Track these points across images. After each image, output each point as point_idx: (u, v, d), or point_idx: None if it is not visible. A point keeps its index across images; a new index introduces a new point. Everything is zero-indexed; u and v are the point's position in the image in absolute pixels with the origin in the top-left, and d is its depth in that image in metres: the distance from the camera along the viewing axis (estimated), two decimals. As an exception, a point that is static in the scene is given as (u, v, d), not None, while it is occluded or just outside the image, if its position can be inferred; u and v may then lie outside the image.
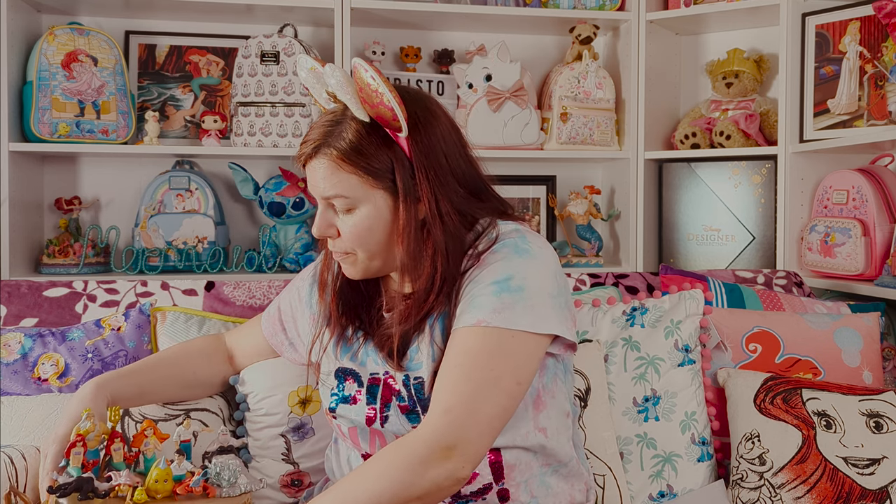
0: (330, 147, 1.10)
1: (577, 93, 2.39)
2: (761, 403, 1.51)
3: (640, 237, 2.43)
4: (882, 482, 1.42)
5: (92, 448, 1.05)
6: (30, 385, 1.44)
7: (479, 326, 1.05)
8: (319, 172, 1.11)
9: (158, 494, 1.00)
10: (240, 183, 2.27)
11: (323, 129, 1.12)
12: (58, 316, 1.60)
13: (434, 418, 1.02)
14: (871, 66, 2.10)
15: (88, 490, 0.97)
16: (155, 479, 1.00)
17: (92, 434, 1.06)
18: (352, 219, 1.12)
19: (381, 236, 1.12)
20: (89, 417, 1.07)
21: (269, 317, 1.37)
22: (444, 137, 1.14)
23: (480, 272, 1.09)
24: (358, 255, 1.14)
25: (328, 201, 1.13)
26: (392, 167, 1.10)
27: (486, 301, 1.06)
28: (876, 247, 2.03)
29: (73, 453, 1.02)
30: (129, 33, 2.37)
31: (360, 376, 1.18)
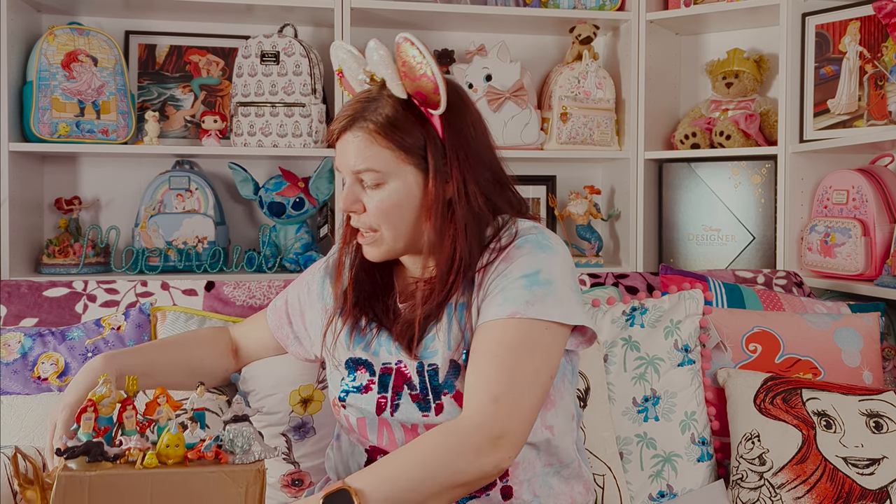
0: (366, 120, 1.13)
1: (577, 93, 2.39)
2: (761, 403, 1.51)
3: (640, 237, 2.43)
4: (882, 482, 1.42)
5: (105, 415, 1.02)
6: (30, 384, 1.44)
7: (514, 318, 1.07)
8: (353, 145, 1.13)
9: (169, 460, 0.96)
10: (240, 183, 2.27)
11: (358, 105, 1.15)
12: (58, 316, 1.60)
13: (483, 407, 1.03)
14: (871, 66, 2.10)
15: (98, 454, 0.94)
16: (166, 444, 0.97)
17: (106, 400, 1.02)
18: (380, 194, 1.13)
19: (408, 213, 1.14)
20: (106, 383, 1.04)
21: (275, 310, 1.36)
22: (473, 125, 1.17)
23: (508, 266, 1.11)
24: (383, 232, 1.15)
25: (357, 176, 1.14)
26: (425, 144, 1.13)
27: (518, 294, 1.08)
28: (876, 247, 2.03)
29: (83, 418, 0.98)
30: (129, 33, 2.37)
31: (373, 366, 1.18)
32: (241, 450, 0.98)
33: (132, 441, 0.98)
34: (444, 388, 1.11)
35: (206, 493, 0.95)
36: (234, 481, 0.96)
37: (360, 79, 1.18)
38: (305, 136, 2.22)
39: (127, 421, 1.01)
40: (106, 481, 0.93)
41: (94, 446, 0.94)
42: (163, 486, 0.95)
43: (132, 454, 0.96)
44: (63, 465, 0.94)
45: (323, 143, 2.28)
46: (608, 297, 1.64)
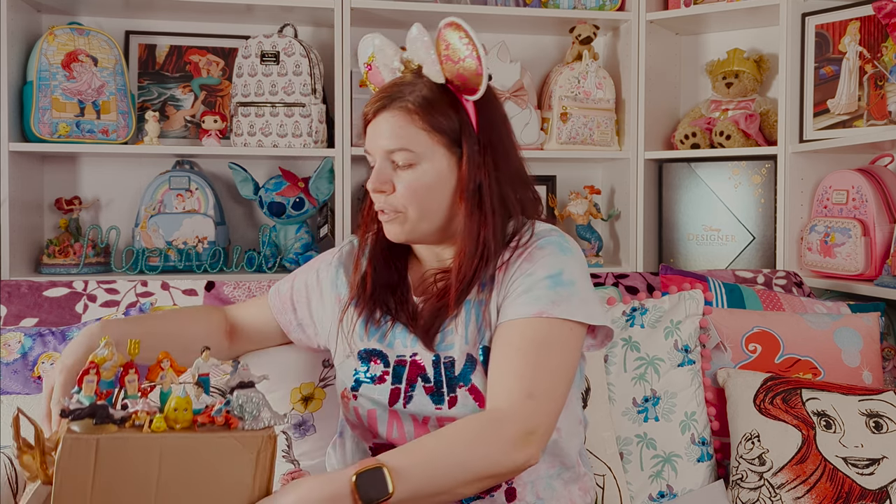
0: (404, 100, 1.15)
1: (577, 93, 2.39)
2: (761, 403, 1.51)
3: (640, 237, 2.43)
4: (882, 482, 1.42)
5: (107, 379, 0.97)
6: (30, 384, 1.44)
7: (541, 317, 1.09)
8: (388, 125, 1.15)
9: (177, 424, 0.92)
10: (240, 183, 2.27)
11: (394, 88, 1.17)
12: (58, 316, 1.60)
13: (518, 401, 1.05)
14: (870, 66, 2.10)
15: (104, 416, 0.89)
16: (174, 408, 0.92)
17: (108, 363, 0.97)
18: (411, 174, 1.15)
19: (437, 196, 1.16)
20: (108, 345, 0.98)
21: (279, 294, 1.35)
22: (502, 119, 1.21)
23: (531, 266, 1.13)
24: (409, 213, 1.16)
25: (390, 155, 1.16)
26: (459, 128, 1.16)
27: (543, 293, 1.10)
28: (876, 247, 2.03)
29: (85, 381, 0.93)
30: (129, 33, 2.37)
31: (388, 357, 1.18)
32: (250, 416, 0.94)
33: (139, 404, 0.93)
34: (459, 380, 1.13)
35: (215, 459, 0.92)
36: (244, 447, 0.92)
37: (394, 66, 1.21)
38: (305, 136, 2.22)
39: (129, 385, 0.97)
40: (113, 444, 0.89)
41: (99, 408, 0.90)
42: (172, 450, 0.91)
43: (139, 417, 0.92)
44: (67, 427, 0.89)
45: (323, 143, 2.28)
46: (608, 297, 1.64)
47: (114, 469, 0.89)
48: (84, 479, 0.88)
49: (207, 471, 0.92)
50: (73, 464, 0.88)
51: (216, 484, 0.92)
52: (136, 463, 0.90)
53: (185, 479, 0.91)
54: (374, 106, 1.18)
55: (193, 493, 0.92)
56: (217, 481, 0.92)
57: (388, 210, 1.17)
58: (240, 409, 0.94)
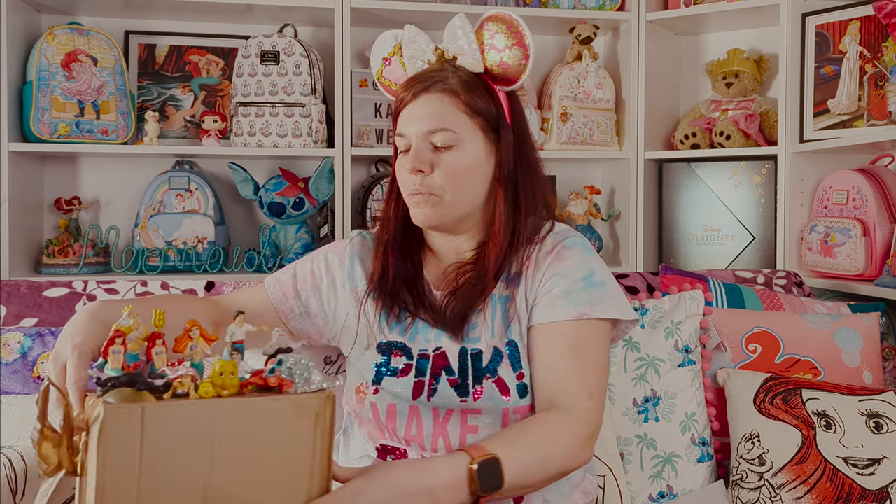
0: (447, 83, 1.17)
1: (577, 93, 2.39)
2: (761, 404, 1.51)
3: (640, 237, 2.43)
4: (882, 482, 1.42)
5: (132, 351, 0.85)
6: (29, 384, 1.44)
7: (583, 319, 1.12)
8: (431, 105, 1.16)
9: (224, 390, 0.82)
10: (240, 183, 2.27)
11: (434, 73, 1.19)
12: (58, 316, 1.60)
13: (582, 402, 1.09)
14: (871, 66, 2.10)
15: (144, 384, 0.80)
16: (219, 372, 0.83)
17: (133, 334, 0.86)
18: (451, 156, 1.15)
19: (473, 180, 1.17)
20: (132, 315, 0.87)
21: (278, 283, 1.28)
22: (524, 116, 1.25)
23: (561, 265, 1.16)
24: (445, 196, 1.16)
25: (430, 136, 1.16)
26: (497, 115, 1.18)
27: (581, 296, 1.14)
28: (876, 247, 2.03)
29: (111, 352, 0.83)
30: (129, 33, 2.37)
31: (411, 350, 1.18)
32: (301, 379, 0.86)
33: (180, 368, 0.83)
34: (486, 372, 1.14)
35: (272, 425, 0.83)
36: (301, 410, 0.84)
37: (425, 57, 1.22)
38: (305, 136, 2.22)
39: (156, 358, 0.85)
40: (160, 413, 0.79)
41: (138, 376, 0.81)
42: (224, 417, 0.81)
43: (182, 384, 0.81)
44: (102, 401, 0.79)
45: (323, 144, 2.28)
46: (608, 297, 1.64)
47: (163, 441, 0.79)
48: (130, 454, 0.78)
49: (264, 438, 0.83)
50: (116, 437, 0.77)
51: (274, 451, 0.84)
52: (186, 432, 0.80)
53: (241, 449, 0.83)
54: (414, 89, 1.18)
55: (251, 462, 0.83)
56: (275, 448, 0.84)
57: (424, 191, 1.16)
58: (289, 373, 0.86)
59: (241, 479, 0.83)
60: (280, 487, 0.85)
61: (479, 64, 1.18)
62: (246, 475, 0.83)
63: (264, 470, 0.83)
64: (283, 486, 0.85)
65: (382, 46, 1.28)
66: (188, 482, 0.80)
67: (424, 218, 1.18)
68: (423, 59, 1.22)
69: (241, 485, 0.83)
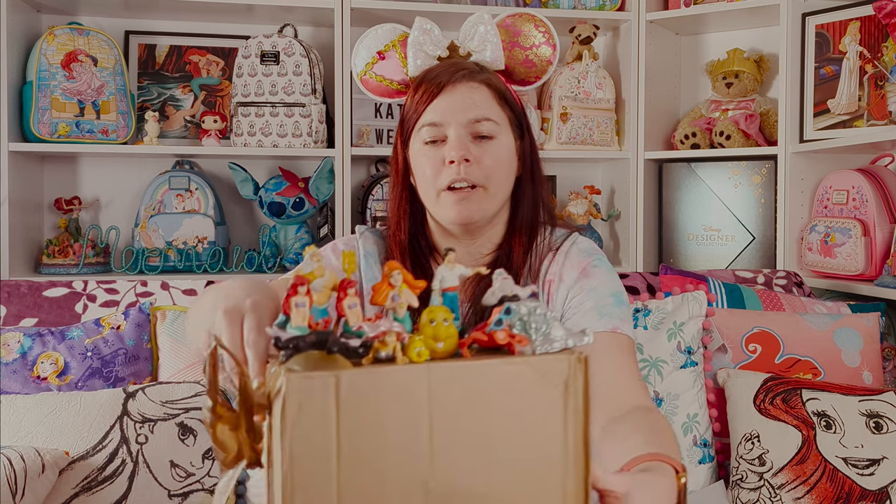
0: (485, 74, 1.15)
1: (577, 93, 2.39)
2: (761, 404, 1.51)
3: (640, 237, 2.43)
4: (882, 482, 1.42)
5: (319, 304, 0.65)
6: (29, 384, 1.43)
7: (616, 332, 1.10)
8: (476, 94, 1.13)
9: (440, 343, 0.63)
10: (240, 183, 2.27)
11: (467, 64, 1.16)
12: (58, 316, 1.60)
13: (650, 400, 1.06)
14: (871, 66, 2.10)
15: (337, 344, 0.61)
16: (430, 320, 0.63)
17: (319, 282, 0.65)
18: (493, 146, 1.12)
19: (506, 174, 1.15)
20: (315, 257, 0.66)
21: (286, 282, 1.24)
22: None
23: (590, 282, 1.14)
24: (490, 188, 1.13)
25: (473, 125, 1.12)
26: (521, 113, 1.18)
27: (613, 311, 1.12)
28: (876, 247, 2.03)
29: (294, 305, 0.62)
30: (129, 33, 2.37)
31: None
32: (540, 335, 0.65)
33: (381, 323, 0.63)
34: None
35: (507, 396, 0.62)
36: (544, 378, 0.63)
37: (436, 52, 1.18)
38: (305, 136, 2.22)
39: (349, 312, 0.65)
40: (359, 383, 0.59)
41: (329, 335, 0.62)
42: (444, 386, 0.61)
43: (384, 344, 0.62)
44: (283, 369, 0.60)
45: (323, 144, 2.28)
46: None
47: (365, 420, 0.60)
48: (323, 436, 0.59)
49: (498, 414, 0.62)
50: (305, 416, 0.58)
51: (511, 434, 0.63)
52: (397, 409, 0.60)
53: (466, 430, 0.62)
54: (454, 75, 1.12)
55: (482, 449, 0.62)
56: (513, 428, 0.63)
57: (468, 184, 1.10)
58: (522, 326, 0.65)
59: (471, 470, 0.62)
60: (521, 482, 0.63)
61: (501, 61, 1.16)
62: (476, 465, 0.62)
63: (500, 458, 0.62)
64: (526, 480, 0.63)
65: (376, 39, 1.23)
66: (402, 473, 0.60)
67: (468, 214, 1.11)
68: (435, 52, 1.18)
69: (471, 479, 0.61)
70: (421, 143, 1.13)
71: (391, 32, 1.23)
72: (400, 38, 1.22)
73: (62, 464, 1.30)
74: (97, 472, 1.32)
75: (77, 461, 1.32)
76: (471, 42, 1.17)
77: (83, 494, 1.30)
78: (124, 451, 1.34)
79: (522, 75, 1.18)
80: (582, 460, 0.63)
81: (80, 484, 1.31)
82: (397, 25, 1.23)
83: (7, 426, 1.34)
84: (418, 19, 1.20)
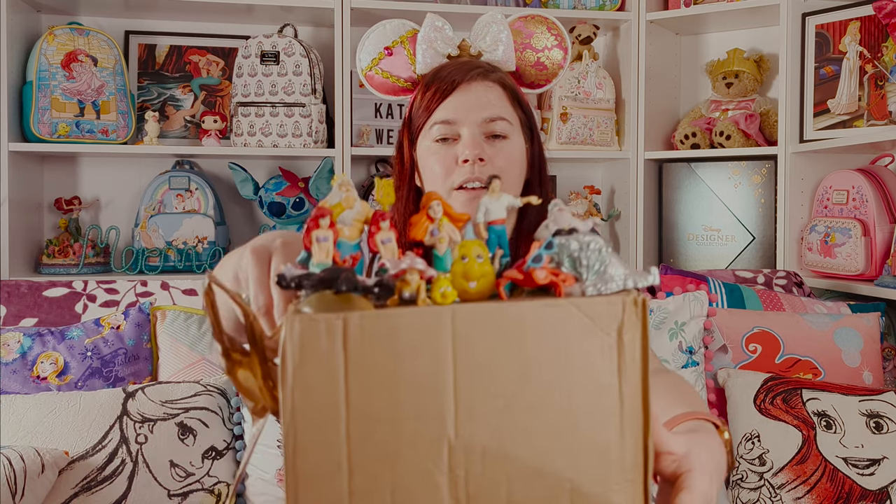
0: (498, 74, 1.13)
1: (577, 93, 2.39)
2: (761, 404, 1.51)
3: (640, 237, 2.43)
4: (882, 482, 1.42)
5: (349, 240, 0.57)
6: (29, 384, 1.43)
7: None
8: (491, 93, 1.11)
9: (472, 283, 0.54)
10: (240, 183, 2.27)
11: (481, 63, 1.14)
12: (58, 316, 1.60)
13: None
14: (871, 66, 2.10)
15: (350, 283, 0.52)
16: (461, 256, 0.54)
17: (349, 213, 0.57)
18: (506, 146, 1.11)
19: (519, 174, 1.14)
20: (344, 186, 0.58)
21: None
22: None
23: None
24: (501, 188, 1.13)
25: (488, 124, 1.10)
26: (531, 114, 1.16)
27: None
28: (876, 247, 2.03)
29: (316, 238, 0.54)
30: (129, 33, 2.37)
31: None
32: (593, 273, 0.55)
33: (403, 261, 0.53)
34: None
35: (548, 344, 0.53)
36: (594, 323, 0.53)
37: (446, 50, 1.16)
38: (305, 136, 2.22)
39: (383, 248, 0.57)
40: (372, 327, 0.51)
41: (341, 272, 0.52)
42: (471, 332, 0.52)
43: (407, 284, 0.53)
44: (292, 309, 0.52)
45: (323, 144, 2.28)
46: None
47: (378, 370, 0.52)
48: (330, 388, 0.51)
49: (536, 365, 0.53)
50: (308, 365, 0.51)
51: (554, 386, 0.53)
52: (415, 359, 0.52)
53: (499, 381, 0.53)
54: (469, 73, 1.10)
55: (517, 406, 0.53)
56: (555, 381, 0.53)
57: (481, 183, 1.07)
58: (571, 263, 0.55)
59: (501, 429, 0.53)
60: (565, 443, 0.53)
61: (513, 62, 1.14)
62: (508, 424, 0.53)
63: (539, 416, 0.53)
64: (570, 441, 0.54)
65: (384, 34, 1.19)
66: (421, 429, 0.52)
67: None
68: (445, 50, 1.16)
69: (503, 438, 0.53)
70: (431, 141, 1.11)
71: (400, 28, 1.19)
72: (409, 35, 1.18)
73: (62, 464, 1.30)
74: (97, 472, 1.32)
75: (77, 461, 1.32)
76: (482, 41, 1.15)
77: (83, 494, 1.30)
78: (124, 450, 1.34)
79: (532, 78, 1.17)
80: (639, 418, 0.54)
81: (79, 484, 1.31)
82: (406, 21, 1.20)
83: (7, 426, 1.34)
84: (429, 16, 1.17)
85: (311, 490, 0.51)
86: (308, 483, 0.51)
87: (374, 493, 0.51)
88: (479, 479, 0.52)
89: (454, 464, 0.52)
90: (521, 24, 1.15)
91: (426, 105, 1.11)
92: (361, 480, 0.51)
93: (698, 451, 0.62)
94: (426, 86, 1.13)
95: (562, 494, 0.53)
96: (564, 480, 0.53)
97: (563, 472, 0.53)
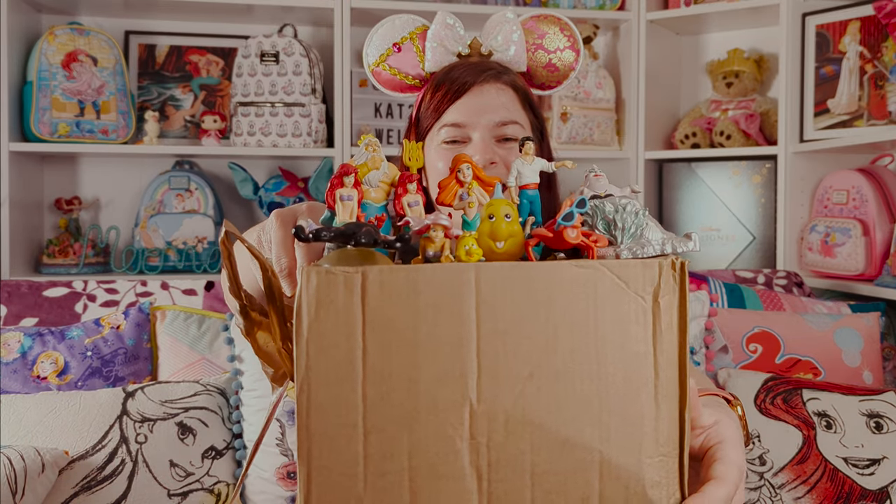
0: (510, 76, 1.11)
1: (577, 93, 2.39)
2: (762, 404, 1.51)
3: (641, 237, 2.43)
4: (882, 482, 1.42)
5: (376, 201, 0.56)
6: (29, 384, 1.43)
7: None
8: (503, 95, 1.10)
9: (500, 243, 0.52)
10: (239, 183, 2.27)
11: (492, 64, 1.12)
12: (58, 316, 1.60)
13: None
14: (871, 66, 2.10)
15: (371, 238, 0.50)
16: (489, 215, 0.52)
17: (375, 174, 0.56)
18: (517, 149, 1.08)
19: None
20: (372, 146, 0.57)
21: None
22: None
23: None
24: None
25: (500, 128, 1.08)
26: (541, 115, 1.15)
27: None
28: (876, 247, 2.03)
29: (339, 197, 0.53)
30: (129, 33, 2.37)
31: None
32: (628, 235, 0.53)
33: (430, 217, 0.52)
34: None
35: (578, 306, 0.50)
36: (627, 285, 0.51)
37: (456, 48, 1.14)
38: (305, 136, 2.22)
39: (410, 210, 0.56)
40: (391, 282, 0.49)
41: (361, 227, 0.50)
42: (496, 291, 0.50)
43: (432, 242, 0.51)
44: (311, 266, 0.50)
45: (323, 143, 2.28)
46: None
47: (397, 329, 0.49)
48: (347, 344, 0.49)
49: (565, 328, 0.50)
50: (323, 321, 0.48)
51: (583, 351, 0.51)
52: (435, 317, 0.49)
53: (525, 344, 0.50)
54: (481, 75, 1.08)
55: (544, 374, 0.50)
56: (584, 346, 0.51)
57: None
58: (605, 225, 0.55)
59: (525, 395, 0.50)
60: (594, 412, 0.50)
61: (524, 62, 1.12)
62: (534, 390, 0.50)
63: (566, 383, 0.50)
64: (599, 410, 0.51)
65: (392, 30, 1.17)
66: (442, 392, 0.49)
67: None
68: (455, 48, 1.13)
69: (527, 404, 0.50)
70: (439, 142, 1.10)
71: (409, 24, 1.17)
72: (419, 31, 1.16)
73: (62, 463, 1.30)
74: (97, 472, 1.32)
75: (77, 460, 1.32)
76: (494, 41, 1.13)
77: (83, 494, 1.30)
78: (124, 450, 1.34)
79: (543, 79, 1.14)
80: (676, 388, 0.51)
81: (79, 483, 1.31)
82: (416, 17, 1.17)
83: (7, 426, 1.34)
84: (440, 13, 1.14)
85: (325, 452, 0.48)
86: (321, 444, 0.48)
87: (390, 456, 0.49)
88: (502, 447, 0.49)
89: (475, 430, 0.49)
90: (533, 23, 1.12)
91: (435, 106, 1.10)
92: (377, 443, 0.49)
93: (727, 421, 0.60)
94: (436, 86, 1.11)
95: (590, 466, 0.50)
96: (593, 451, 0.50)
97: (592, 442, 0.50)
